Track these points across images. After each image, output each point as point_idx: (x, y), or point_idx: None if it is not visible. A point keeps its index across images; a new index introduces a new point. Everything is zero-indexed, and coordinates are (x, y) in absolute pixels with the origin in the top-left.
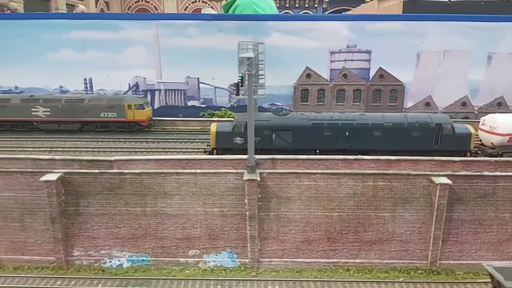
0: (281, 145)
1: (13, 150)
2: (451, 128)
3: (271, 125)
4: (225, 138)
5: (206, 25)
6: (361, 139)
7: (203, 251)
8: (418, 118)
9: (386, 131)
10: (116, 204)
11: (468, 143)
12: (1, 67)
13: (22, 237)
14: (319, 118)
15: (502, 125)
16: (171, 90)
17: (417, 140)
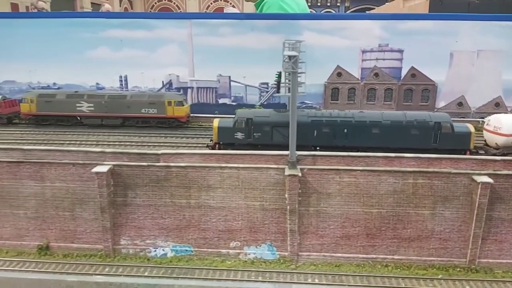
0: (280, 141)
1: (61, 143)
2: (450, 126)
3: (270, 122)
4: (227, 133)
5: (238, 24)
6: (360, 136)
7: (244, 243)
8: (417, 117)
9: (384, 129)
10: (162, 196)
11: (467, 142)
12: (41, 65)
13: (72, 226)
14: (318, 115)
15: (506, 125)
16: (203, 88)
17: (416, 138)
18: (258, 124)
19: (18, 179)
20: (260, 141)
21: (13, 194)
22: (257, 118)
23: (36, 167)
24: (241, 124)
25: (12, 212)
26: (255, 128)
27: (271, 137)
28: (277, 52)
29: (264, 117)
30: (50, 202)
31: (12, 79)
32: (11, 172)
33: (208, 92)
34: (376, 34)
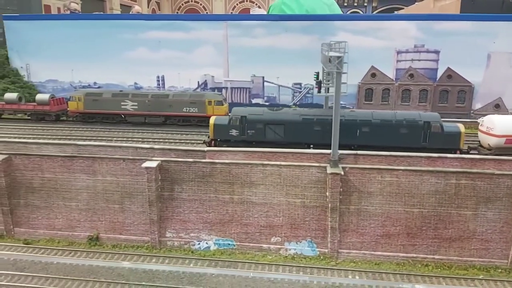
0: (273, 138)
1: (109, 139)
2: (439, 126)
3: (263, 119)
4: (222, 130)
5: (273, 25)
6: (350, 134)
7: (285, 239)
8: (407, 116)
9: (374, 128)
10: (207, 191)
11: (457, 142)
12: (82, 64)
13: (120, 218)
14: (310, 113)
15: (499, 126)
16: (237, 88)
17: (405, 137)
18: (252, 121)
19: (72, 172)
20: (253, 138)
21: (66, 187)
22: (251, 116)
23: (88, 162)
24: (236, 121)
25: (64, 204)
26: (248, 125)
27: (264, 135)
28: (310, 52)
29: (257, 115)
30: (100, 195)
31: (55, 78)
32: (65, 166)
33: (241, 92)
34: (412, 34)
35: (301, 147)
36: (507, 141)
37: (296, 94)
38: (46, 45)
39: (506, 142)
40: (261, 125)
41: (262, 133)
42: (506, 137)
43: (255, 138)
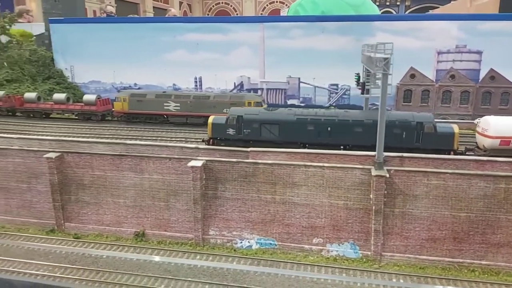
0: (268, 137)
1: (154, 138)
2: (432, 126)
3: (259, 119)
4: (220, 129)
5: (310, 26)
6: (343, 134)
7: (326, 240)
8: (400, 116)
9: (367, 128)
10: (249, 190)
11: (451, 142)
12: (124, 66)
13: (166, 215)
14: (304, 113)
15: (493, 127)
16: (272, 89)
17: (398, 137)
18: (248, 121)
19: (120, 170)
20: (249, 137)
21: (115, 184)
22: (247, 115)
23: (136, 160)
24: (233, 121)
25: (113, 200)
26: (245, 125)
27: (260, 134)
28: (347, 53)
29: (253, 114)
30: (147, 193)
31: (97, 79)
32: (114, 164)
33: (277, 93)
34: (453, 34)
35: (295, 146)
36: (502, 143)
37: (332, 95)
38: (89, 47)
39: (501, 143)
40: (257, 124)
41: (258, 132)
42: (500, 139)
43: (251, 137)
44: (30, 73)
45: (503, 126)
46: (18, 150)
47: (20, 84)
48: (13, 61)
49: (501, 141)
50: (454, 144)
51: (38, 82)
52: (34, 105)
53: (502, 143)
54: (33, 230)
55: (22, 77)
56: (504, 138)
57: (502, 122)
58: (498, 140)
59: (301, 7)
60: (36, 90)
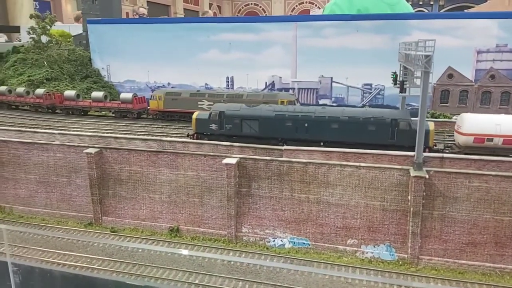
0: (249, 133)
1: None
2: (407, 124)
3: (240, 115)
4: (203, 124)
5: (344, 25)
6: (319, 130)
7: (361, 241)
8: (375, 113)
9: (343, 124)
10: (283, 189)
11: (426, 139)
12: (158, 65)
13: (200, 212)
14: (283, 110)
15: (467, 124)
16: (304, 88)
17: (373, 134)
18: (229, 116)
19: (156, 166)
20: (231, 132)
21: (151, 180)
22: (229, 111)
23: (172, 157)
24: (215, 116)
25: (149, 196)
26: (226, 120)
27: (241, 129)
28: (382, 52)
29: (235, 110)
30: (182, 189)
31: (132, 79)
32: (150, 160)
33: (309, 93)
34: (494, 33)
35: (275, 141)
36: (476, 140)
37: (365, 95)
38: (125, 47)
39: (475, 140)
40: (238, 120)
41: (239, 128)
42: (474, 136)
43: (233, 132)
44: (69, 72)
45: (476, 123)
46: (59, 145)
47: (59, 83)
48: (53, 60)
49: (475, 138)
50: (429, 141)
51: (76, 81)
52: (74, 103)
53: (476, 141)
54: (72, 223)
55: (61, 76)
56: (478, 135)
57: (476, 120)
58: (472, 137)
59: (336, 6)
60: (74, 88)
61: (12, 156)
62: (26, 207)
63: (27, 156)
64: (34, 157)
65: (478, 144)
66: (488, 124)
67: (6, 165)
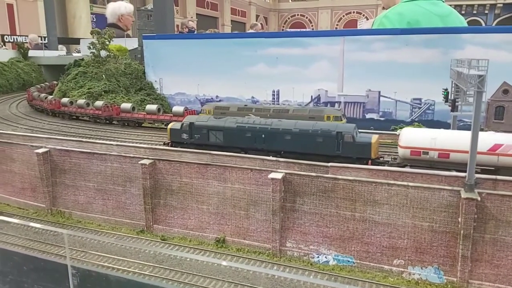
0: (214, 142)
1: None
2: (351, 136)
3: (207, 126)
4: (176, 134)
5: (393, 39)
6: (274, 141)
7: (408, 262)
8: (323, 126)
9: (295, 136)
10: (328, 206)
11: (368, 151)
12: (207, 79)
13: (245, 224)
14: (244, 122)
15: (404, 138)
16: (350, 102)
17: (321, 145)
18: (198, 127)
19: (205, 179)
20: (199, 141)
21: (200, 191)
22: (197, 122)
23: (220, 170)
24: (186, 127)
25: (197, 206)
26: (195, 130)
27: (208, 138)
28: (433, 67)
29: (203, 122)
30: (229, 201)
31: (183, 91)
32: (199, 172)
33: (355, 107)
34: None
35: (237, 150)
36: (412, 153)
37: (414, 110)
38: (177, 61)
39: (412, 153)
40: (205, 130)
41: (206, 137)
42: (410, 149)
43: (201, 141)
44: (125, 84)
45: (413, 137)
46: (117, 156)
47: (116, 95)
48: (111, 73)
49: (411, 151)
50: (371, 153)
51: (131, 93)
52: (129, 115)
53: (413, 153)
54: (125, 230)
55: (117, 88)
56: (414, 148)
57: (413, 133)
58: (408, 150)
59: (386, 18)
60: (129, 100)
61: (73, 164)
62: (84, 212)
63: (87, 165)
64: (93, 166)
65: (416, 157)
66: (424, 138)
67: (67, 173)
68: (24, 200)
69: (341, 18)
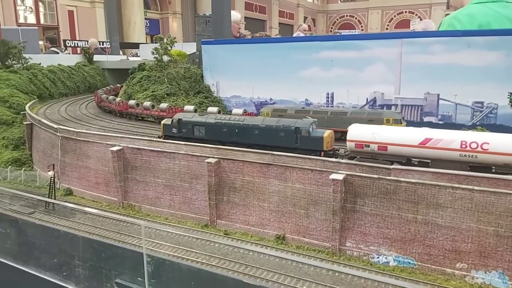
0: (198, 136)
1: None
2: (307, 131)
3: (192, 121)
4: (168, 128)
5: (453, 41)
6: (245, 135)
7: (471, 266)
8: (285, 122)
9: (262, 131)
10: (389, 207)
11: (320, 144)
12: (261, 82)
13: (305, 223)
14: (222, 118)
15: (350, 132)
16: (407, 105)
17: (283, 139)
18: (184, 123)
19: (266, 178)
20: (186, 135)
21: (261, 189)
22: (184, 118)
23: (281, 170)
24: (176, 122)
25: (259, 204)
26: (182, 125)
27: (193, 133)
28: (496, 69)
29: (189, 118)
30: (289, 200)
31: (238, 94)
32: (262, 171)
33: (413, 110)
34: None
35: (217, 142)
36: (357, 145)
37: (476, 114)
38: (233, 65)
39: (356, 146)
40: (190, 125)
41: (191, 132)
42: (355, 142)
43: (187, 135)
44: (184, 88)
45: (357, 132)
46: (184, 155)
47: (176, 98)
48: (172, 77)
49: (356, 144)
50: (323, 146)
51: (190, 96)
52: None
53: (357, 146)
54: (191, 224)
55: (178, 91)
56: (358, 141)
57: (357, 129)
58: (353, 143)
59: (456, 20)
60: (189, 102)
61: (144, 162)
62: (153, 206)
63: (156, 162)
64: (162, 164)
65: (360, 149)
66: (366, 133)
67: (138, 170)
68: (98, 193)
69: (392, 18)
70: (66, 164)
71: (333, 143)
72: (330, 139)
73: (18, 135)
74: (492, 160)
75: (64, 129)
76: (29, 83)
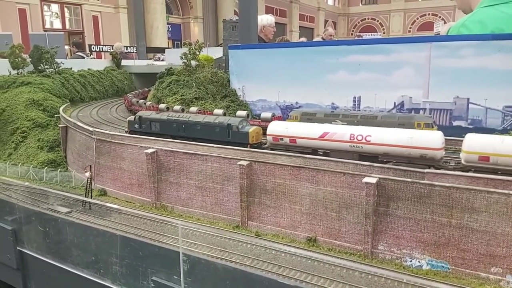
0: (154, 131)
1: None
2: (236, 127)
3: (149, 118)
4: (132, 124)
5: (484, 45)
6: (190, 130)
7: (507, 271)
8: (220, 120)
9: (203, 126)
10: (423, 211)
11: (246, 138)
12: (287, 86)
13: (336, 226)
14: (173, 116)
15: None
16: (436, 109)
17: (218, 133)
18: (144, 119)
19: (298, 180)
20: (145, 130)
21: (293, 192)
22: (144, 116)
23: (313, 173)
24: (137, 119)
25: (290, 206)
26: (142, 122)
27: (150, 128)
28: None
29: (147, 115)
30: (320, 203)
31: (264, 98)
32: (293, 174)
33: (441, 114)
34: None
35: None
36: (274, 139)
37: (507, 118)
38: (259, 70)
39: (273, 139)
40: (148, 122)
41: (149, 127)
42: (272, 136)
43: (146, 130)
44: (211, 92)
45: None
46: (216, 157)
47: (204, 101)
48: (200, 81)
49: (273, 137)
50: (248, 139)
51: (217, 100)
52: None
53: (274, 139)
54: (222, 224)
55: (206, 95)
56: (274, 135)
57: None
58: (271, 137)
59: (465, 27)
60: (216, 106)
61: (177, 164)
62: (185, 207)
63: (189, 164)
64: (195, 166)
65: (276, 142)
66: (281, 128)
67: (171, 171)
68: (131, 194)
69: (414, 21)
70: (101, 165)
71: (260, 137)
72: (256, 134)
73: (53, 137)
74: (374, 150)
75: (99, 131)
76: (62, 87)
